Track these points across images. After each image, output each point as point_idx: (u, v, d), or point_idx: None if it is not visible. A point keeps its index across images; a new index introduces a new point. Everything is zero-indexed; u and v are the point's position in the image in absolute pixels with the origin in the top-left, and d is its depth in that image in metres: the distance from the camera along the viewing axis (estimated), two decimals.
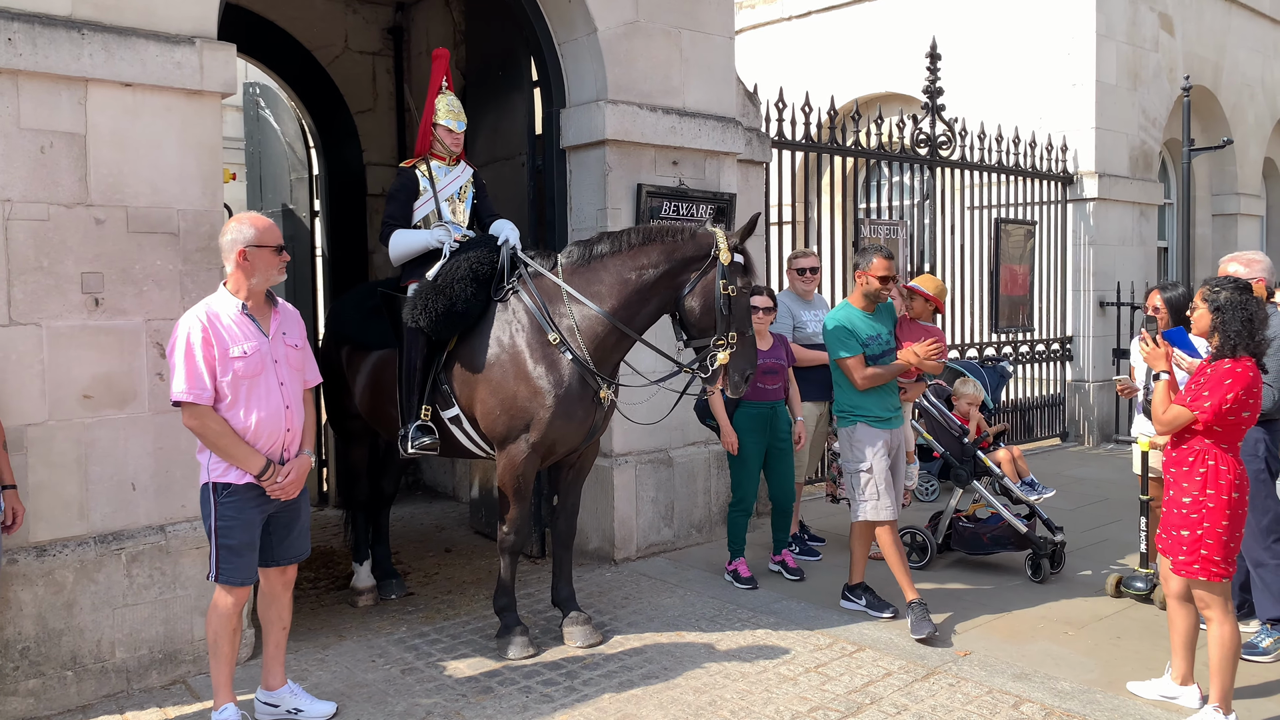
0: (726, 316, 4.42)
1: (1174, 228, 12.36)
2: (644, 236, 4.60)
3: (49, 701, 4.04)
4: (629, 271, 4.54)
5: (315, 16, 7.81)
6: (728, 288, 4.42)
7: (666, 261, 4.52)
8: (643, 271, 4.53)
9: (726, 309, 4.42)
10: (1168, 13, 11.33)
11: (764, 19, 13.28)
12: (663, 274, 4.52)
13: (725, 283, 4.42)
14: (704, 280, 4.47)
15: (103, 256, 4.15)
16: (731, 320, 4.44)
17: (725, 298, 4.42)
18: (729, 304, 4.43)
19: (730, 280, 4.43)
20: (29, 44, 3.91)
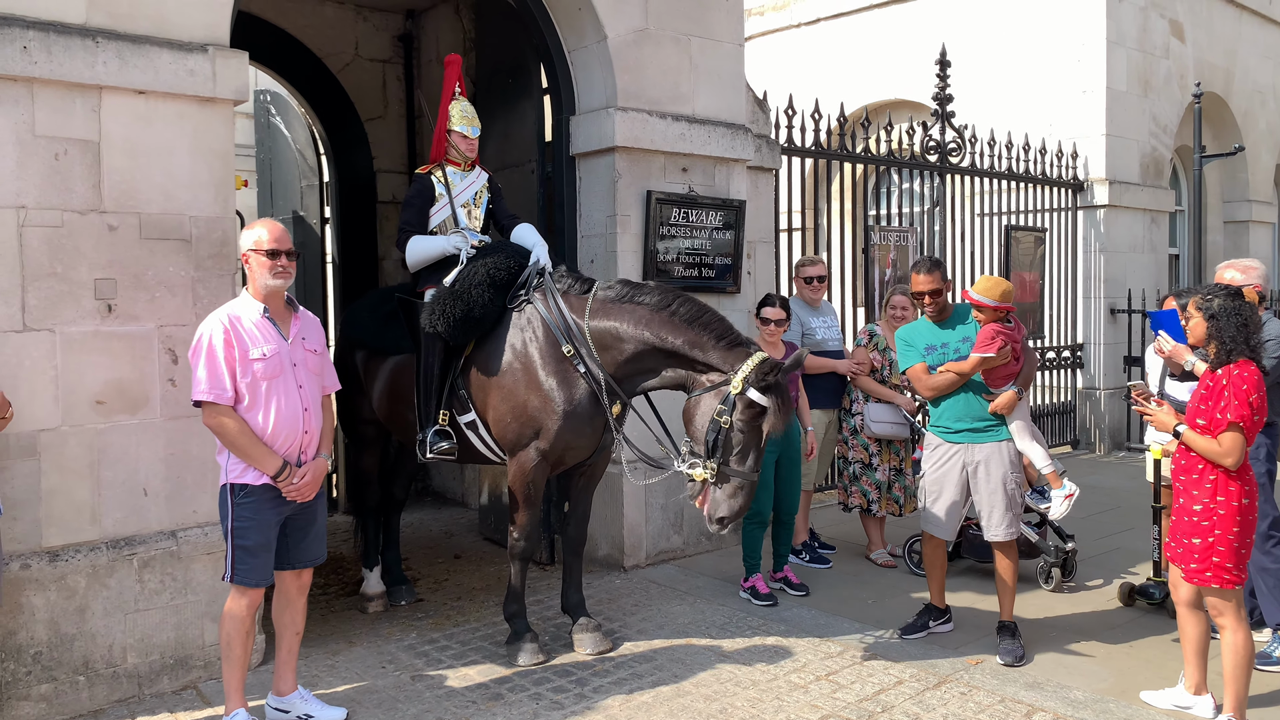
0: (710, 445, 4.11)
1: (1185, 235, 12.31)
2: (691, 313, 4.31)
3: (61, 707, 4.05)
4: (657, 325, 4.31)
5: (326, 24, 7.85)
6: (724, 417, 4.08)
7: (690, 350, 4.24)
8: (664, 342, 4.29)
9: (714, 438, 4.10)
10: (1178, 19, 11.30)
11: (774, 26, 13.29)
12: (682, 360, 4.29)
13: (723, 410, 4.08)
14: (706, 396, 4.18)
15: (115, 263, 4.17)
16: (717, 452, 4.11)
17: (716, 425, 4.09)
18: (719, 435, 4.09)
19: (730, 413, 4.08)
20: (44, 52, 3.93)
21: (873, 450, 6.12)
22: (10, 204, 3.93)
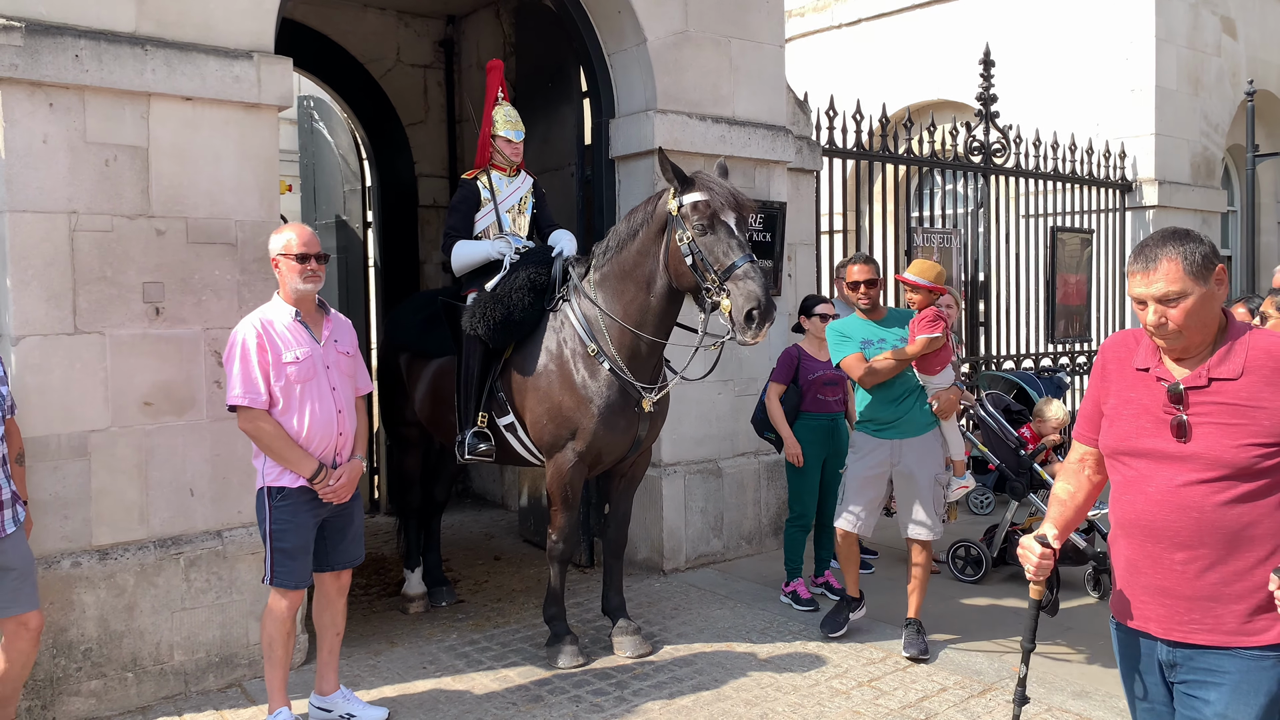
0: (697, 263, 4.13)
1: (1238, 236, 12.04)
2: (627, 227, 4.49)
3: (110, 702, 4.12)
4: (625, 267, 4.47)
5: (368, 30, 7.94)
6: (683, 237, 4.16)
7: (646, 245, 4.38)
8: (635, 264, 4.43)
9: (695, 258, 4.13)
10: (1230, 16, 11.06)
11: (814, 27, 13.21)
12: (649, 257, 4.39)
13: (680, 233, 4.17)
14: (664, 246, 4.30)
15: (163, 267, 4.25)
16: (705, 263, 4.11)
17: (687, 249, 4.15)
18: (695, 252, 4.13)
19: (684, 226, 4.16)
20: (95, 60, 4.01)
21: None
22: (62, 209, 4.02)
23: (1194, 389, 2.22)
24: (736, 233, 4.14)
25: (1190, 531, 2.21)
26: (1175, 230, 2.23)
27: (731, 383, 6.22)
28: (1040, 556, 2.38)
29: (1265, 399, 2.16)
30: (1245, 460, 2.15)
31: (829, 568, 5.70)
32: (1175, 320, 2.18)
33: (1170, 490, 2.23)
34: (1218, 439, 2.17)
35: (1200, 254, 2.18)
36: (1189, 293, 2.17)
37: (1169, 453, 2.23)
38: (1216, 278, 2.20)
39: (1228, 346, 2.21)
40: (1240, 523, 2.17)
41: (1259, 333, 2.22)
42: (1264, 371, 2.17)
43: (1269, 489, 2.17)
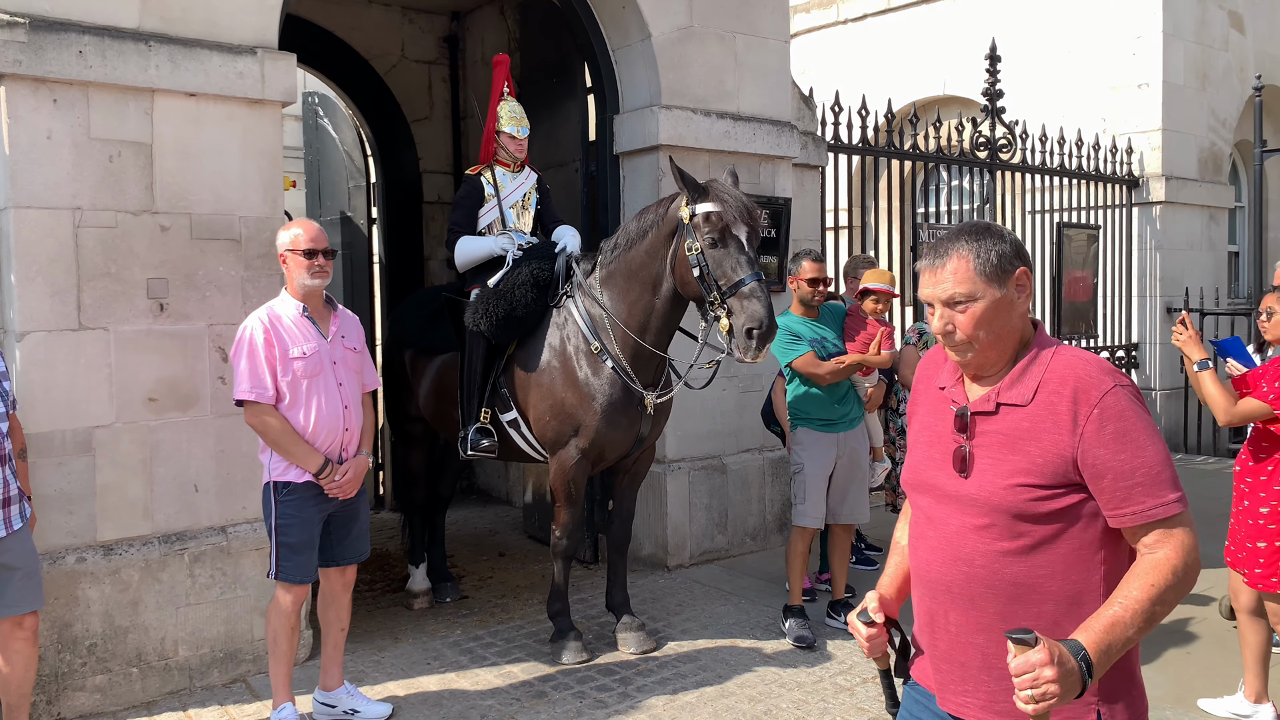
0: (704, 274, 4.11)
1: (1245, 232, 11.99)
2: (637, 226, 4.47)
3: (115, 697, 4.13)
4: (632, 267, 4.46)
5: (372, 26, 7.93)
6: (693, 246, 4.12)
7: (654, 247, 4.37)
8: (643, 265, 4.42)
9: (698, 267, 4.12)
10: (1238, 11, 11.00)
11: (819, 23, 13.18)
12: (657, 260, 4.37)
13: (690, 241, 4.13)
14: (672, 251, 4.29)
15: (167, 263, 4.25)
16: (712, 276, 4.09)
17: (696, 259, 4.12)
18: (703, 264, 4.10)
19: (694, 236, 4.12)
20: (98, 56, 4.01)
21: None
22: (67, 205, 4.02)
23: (981, 414, 1.89)
24: (747, 248, 4.11)
25: (963, 588, 1.88)
26: (974, 224, 1.93)
27: (736, 379, 6.21)
28: (868, 639, 2.01)
29: (1044, 429, 1.81)
30: (1016, 502, 1.81)
31: None
32: (963, 328, 1.87)
33: (947, 537, 1.90)
34: (991, 476, 1.84)
35: (997, 252, 1.87)
36: (978, 296, 1.85)
37: (950, 491, 1.91)
38: (1017, 282, 1.88)
39: (1023, 366, 1.88)
40: (1020, 581, 1.82)
41: (1063, 352, 1.88)
42: (1052, 398, 1.82)
43: (1053, 539, 1.81)
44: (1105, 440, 1.77)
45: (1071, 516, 1.81)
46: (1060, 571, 1.82)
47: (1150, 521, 1.78)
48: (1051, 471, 1.79)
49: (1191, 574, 1.79)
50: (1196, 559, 1.80)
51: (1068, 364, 1.85)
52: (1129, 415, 1.78)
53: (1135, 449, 1.77)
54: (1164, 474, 1.79)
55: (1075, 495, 1.80)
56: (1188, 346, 3.89)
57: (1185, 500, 1.81)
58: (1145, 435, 1.78)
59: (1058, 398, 1.81)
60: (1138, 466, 1.76)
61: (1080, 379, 1.82)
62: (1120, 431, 1.78)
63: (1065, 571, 1.82)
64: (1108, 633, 1.70)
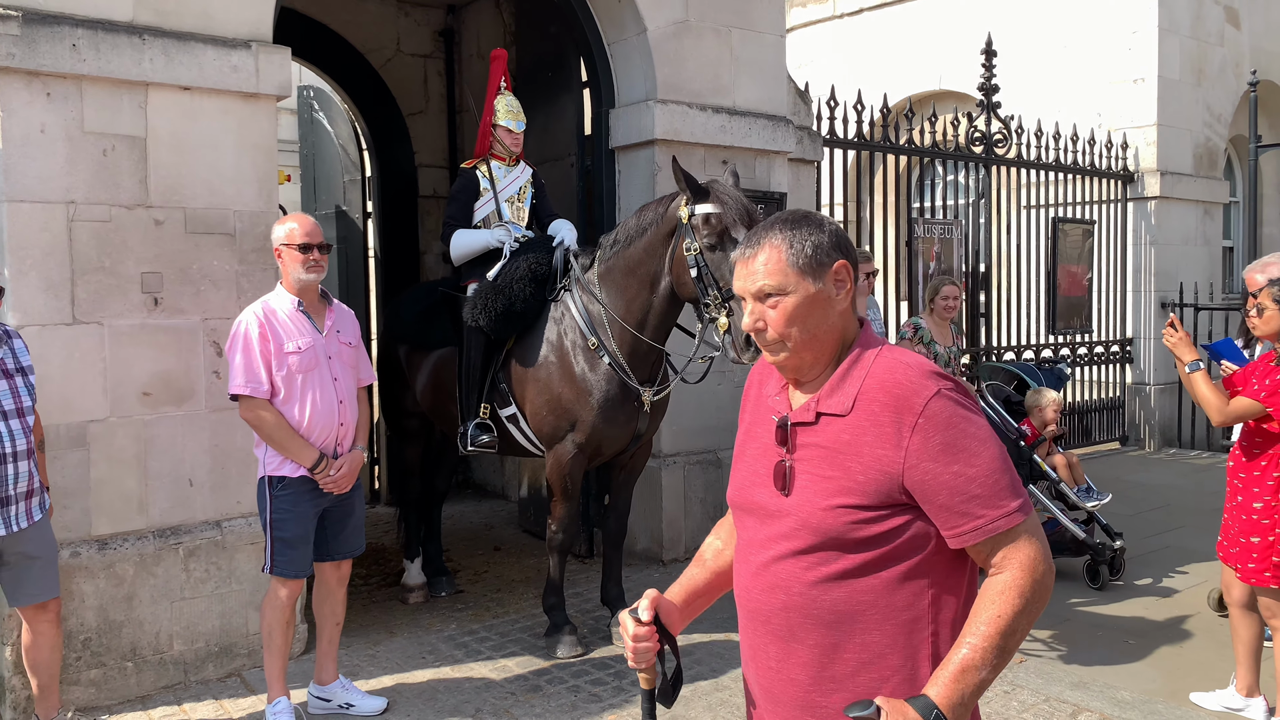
0: (701, 276, 4.10)
1: (1240, 227, 12.01)
2: (636, 223, 4.45)
3: (109, 692, 4.13)
4: (630, 264, 4.45)
5: (367, 20, 7.91)
6: (691, 247, 4.11)
7: (653, 245, 4.36)
8: (641, 261, 4.41)
9: (696, 268, 4.10)
10: (1233, 6, 11.01)
11: (815, 17, 13.17)
12: (655, 258, 4.37)
13: (689, 242, 4.12)
14: (670, 251, 4.28)
15: (162, 257, 4.24)
16: (710, 278, 4.08)
17: (694, 260, 4.10)
18: (701, 266, 4.09)
19: (693, 237, 4.12)
20: (92, 50, 4.00)
21: None
22: (60, 199, 4.01)
23: (801, 425, 1.71)
24: None
25: (781, 619, 1.70)
26: (792, 212, 1.77)
27: (730, 373, 6.21)
28: (634, 639, 1.78)
29: (865, 442, 1.63)
30: (837, 525, 1.63)
31: None
32: (775, 325, 1.69)
33: (765, 562, 1.72)
34: (810, 495, 1.66)
35: (812, 243, 1.69)
36: (789, 290, 1.68)
37: (770, 509, 1.73)
38: (835, 276, 1.70)
39: (844, 370, 1.70)
40: (839, 611, 1.65)
41: (888, 354, 1.70)
42: (873, 406, 1.64)
43: (878, 565, 1.63)
44: (934, 453, 1.59)
45: (898, 539, 1.63)
46: (886, 599, 1.64)
47: (994, 536, 1.60)
48: (875, 490, 1.62)
49: (1041, 591, 1.62)
50: (1045, 572, 1.62)
51: (888, 368, 1.67)
52: (957, 422, 1.61)
53: (968, 458, 1.60)
54: (1002, 481, 1.61)
55: (902, 516, 1.63)
56: (1179, 348, 3.90)
57: (1029, 506, 1.64)
58: (977, 442, 1.61)
59: (879, 407, 1.64)
60: (973, 477, 1.59)
61: (901, 385, 1.64)
62: (949, 442, 1.60)
63: (891, 598, 1.64)
64: (959, 681, 1.58)
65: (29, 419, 3.51)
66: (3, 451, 3.40)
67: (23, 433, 3.47)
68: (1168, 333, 3.95)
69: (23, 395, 3.50)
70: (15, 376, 3.50)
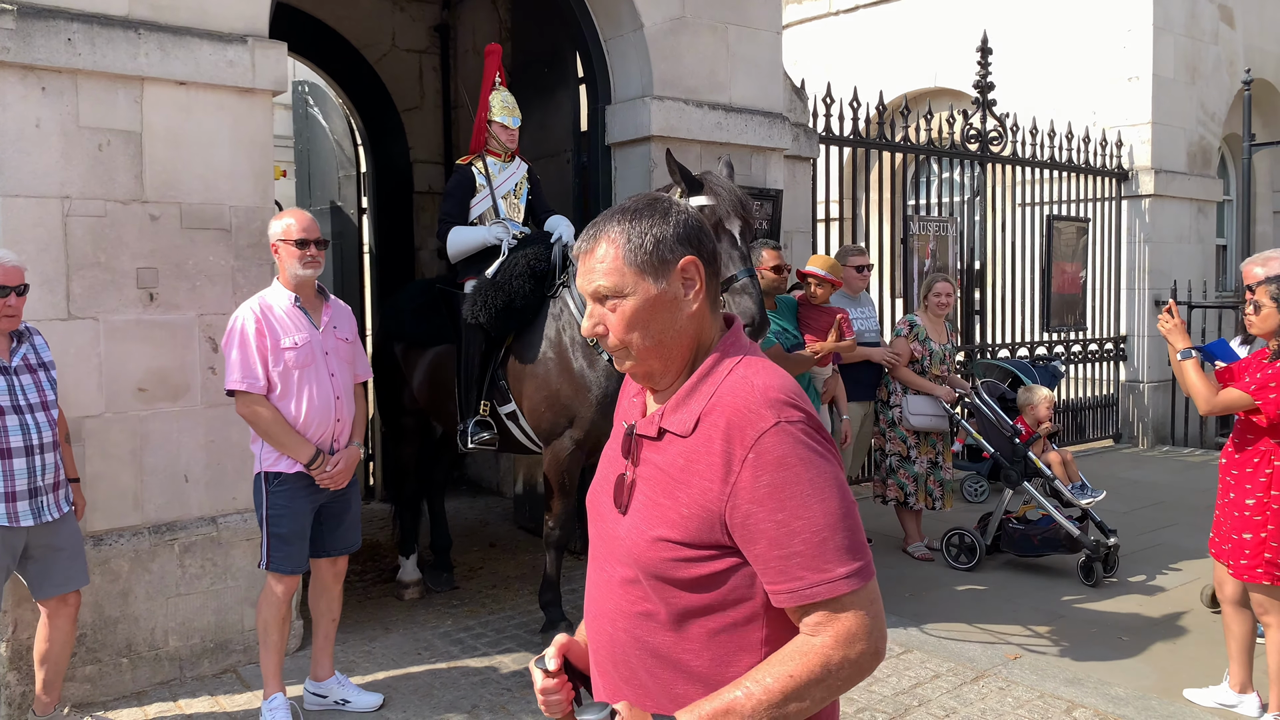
0: None
1: (1233, 225, 12.05)
2: None
3: (105, 688, 4.13)
4: None
5: (363, 15, 7.89)
6: None
7: None
8: None
9: None
10: (1228, 5, 11.04)
11: (811, 14, 13.17)
12: None
13: None
14: None
15: (157, 252, 4.23)
16: None
17: None
18: None
19: None
20: (87, 44, 3.98)
21: (910, 443, 6.05)
22: (55, 194, 4.00)
23: (645, 438, 1.54)
24: (740, 242, 4.08)
25: (608, 650, 1.55)
26: (635, 200, 1.57)
27: None
28: (543, 691, 1.59)
29: (697, 471, 1.44)
30: (656, 561, 1.46)
31: None
32: (614, 330, 1.52)
33: (603, 584, 1.57)
34: (640, 522, 1.50)
35: (653, 236, 1.50)
36: (627, 290, 1.50)
37: (609, 525, 1.57)
38: (683, 275, 1.51)
39: (694, 383, 1.51)
40: (663, 655, 1.49)
41: (744, 368, 1.50)
42: (711, 431, 1.45)
43: (707, 610, 1.45)
44: (760, 495, 1.39)
45: (725, 584, 1.44)
46: (711, 651, 1.46)
47: (812, 603, 1.40)
48: (697, 528, 1.43)
49: (851, 673, 1.41)
50: (864, 654, 1.41)
51: (733, 387, 1.47)
52: (792, 463, 1.40)
53: (796, 508, 1.38)
54: (832, 540, 1.39)
55: (729, 559, 1.44)
56: (1173, 335, 3.91)
57: (866, 573, 1.42)
58: (812, 490, 1.39)
59: (716, 432, 1.44)
60: (797, 531, 1.38)
61: (738, 411, 1.44)
62: (779, 485, 1.39)
63: (717, 651, 1.46)
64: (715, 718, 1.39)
65: (53, 412, 3.62)
66: (31, 443, 3.50)
67: (48, 425, 3.58)
68: (1163, 318, 3.96)
69: (46, 389, 3.61)
70: (39, 371, 3.61)
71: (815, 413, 1.50)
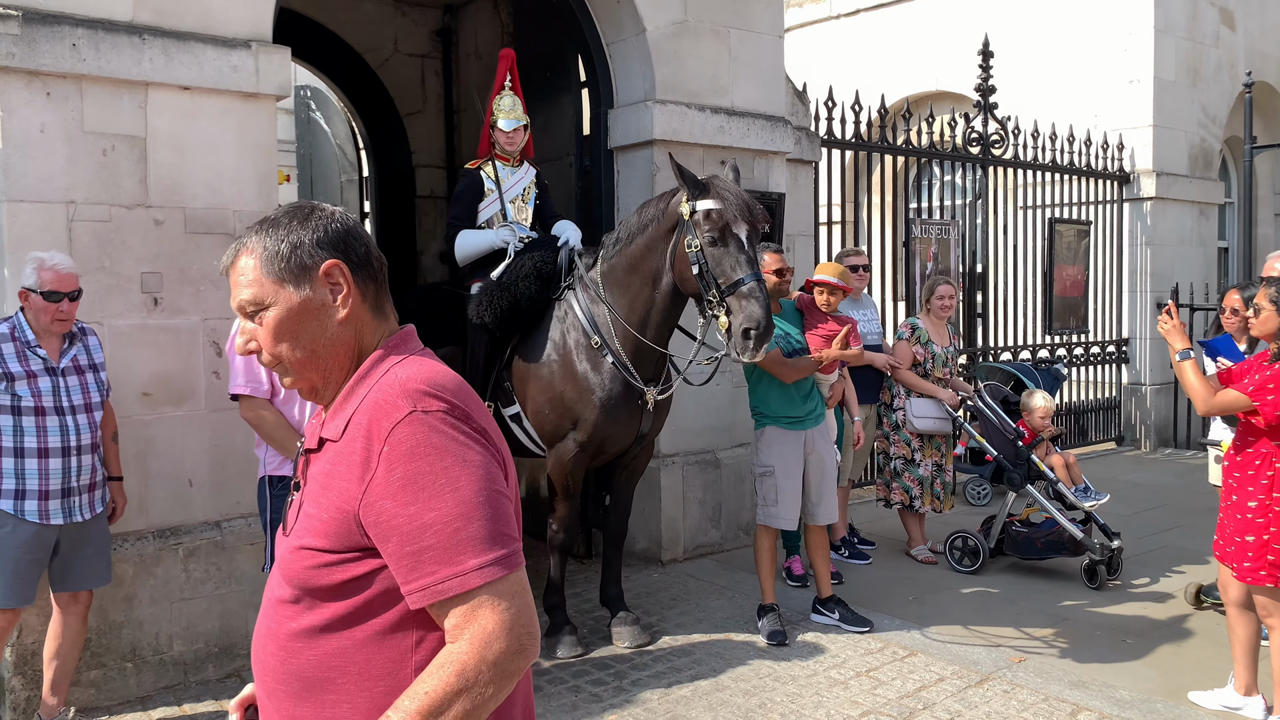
0: (703, 272, 4.08)
1: (1235, 227, 12.05)
2: (638, 220, 4.44)
3: (109, 692, 4.13)
4: (632, 261, 4.44)
5: (365, 20, 7.91)
6: (693, 243, 4.07)
7: (654, 242, 4.34)
8: (642, 258, 4.39)
9: (698, 264, 4.08)
10: (1229, 8, 11.05)
11: (813, 17, 13.19)
12: (656, 254, 4.35)
13: (690, 238, 4.09)
14: (672, 247, 4.26)
15: (161, 257, 4.24)
16: (711, 274, 4.05)
17: (696, 256, 4.07)
18: (702, 261, 4.06)
19: (694, 233, 4.08)
20: (92, 49, 3.99)
21: (914, 446, 6.06)
22: (60, 199, 4.00)
23: (311, 452, 1.50)
24: (747, 247, 4.08)
25: (260, 678, 1.48)
26: (284, 206, 1.52)
27: (730, 374, 6.22)
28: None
29: (340, 474, 1.39)
30: (300, 570, 1.41)
31: (797, 552, 5.74)
32: (264, 344, 1.46)
33: (264, 606, 1.50)
34: (293, 537, 1.46)
35: (290, 243, 1.44)
36: (268, 301, 1.45)
37: (279, 546, 1.51)
38: (328, 279, 1.46)
39: (350, 388, 1.47)
40: (308, 675, 1.41)
41: (401, 368, 1.45)
42: (357, 431, 1.39)
43: (350, 620, 1.39)
44: (393, 488, 1.33)
45: (367, 589, 1.38)
46: (360, 664, 1.38)
47: (444, 599, 1.32)
48: (337, 531, 1.37)
49: (494, 675, 1.32)
50: (504, 653, 1.32)
51: (382, 385, 1.42)
52: (425, 452, 1.33)
53: (429, 499, 1.32)
54: (465, 530, 1.31)
55: (370, 562, 1.37)
56: (1171, 335, 3.91)
57: (508, 563, 1.34)
58: (445, 480, 1.33)
59: (358, 431, 1.39)
60: (429, 524, 1.31)
61: (377, 405, 1.38)
62: (411, 476, 1.32)
63: (366, 664, 1.38)
64: None
65: (97, 414, 3.71)
66: (69, 444, 3.58)
67: (89, 428, 3.66)
68: (1163, 319, 3.97)
69: (92, 391, 3.71)
70: (87, 372, 3.71)
71: (469, 403, 1.42)
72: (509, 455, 1.48)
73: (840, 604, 4.95)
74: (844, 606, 4.94)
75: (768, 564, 4.86)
